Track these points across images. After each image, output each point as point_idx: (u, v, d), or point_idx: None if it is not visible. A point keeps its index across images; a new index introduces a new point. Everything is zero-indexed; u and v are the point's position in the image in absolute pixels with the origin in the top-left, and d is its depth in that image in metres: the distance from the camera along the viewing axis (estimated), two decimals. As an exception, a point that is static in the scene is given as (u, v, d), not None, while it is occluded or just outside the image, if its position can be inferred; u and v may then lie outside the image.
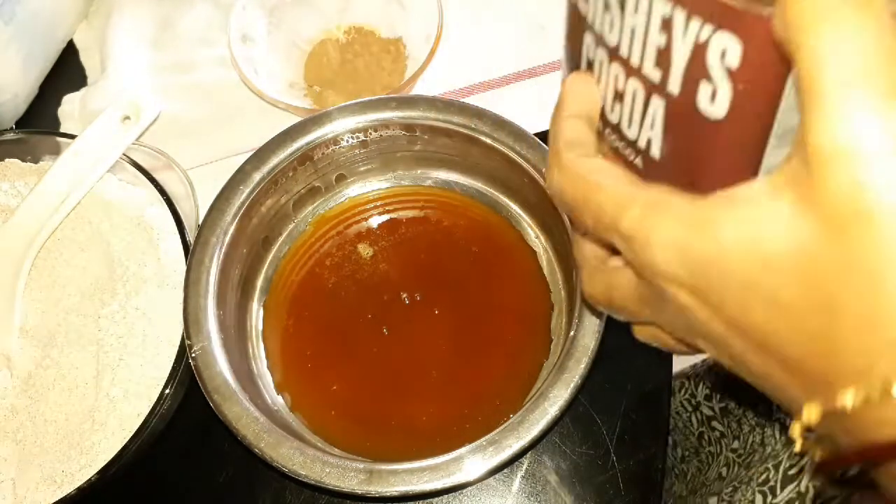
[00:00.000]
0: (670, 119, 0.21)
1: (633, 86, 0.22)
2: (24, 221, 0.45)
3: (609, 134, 0.25)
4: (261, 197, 0.44)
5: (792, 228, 0.17)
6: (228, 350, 0.40)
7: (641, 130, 0.23)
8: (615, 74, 0.23)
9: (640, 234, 0.19)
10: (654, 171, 0.23)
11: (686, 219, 0.19)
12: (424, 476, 0.35)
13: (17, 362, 0.43)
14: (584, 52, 0.24)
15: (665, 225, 0.19)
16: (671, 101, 0.21)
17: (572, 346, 0.37)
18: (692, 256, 0.18)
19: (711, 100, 0.19)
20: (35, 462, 0.40)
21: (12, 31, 0.51)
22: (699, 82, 0.20)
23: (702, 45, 0.19)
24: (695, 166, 0.21)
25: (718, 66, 0.19)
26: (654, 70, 0.21)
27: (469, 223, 0.47)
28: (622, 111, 0.23)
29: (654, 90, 0.21)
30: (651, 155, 0.23)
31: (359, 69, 0.53)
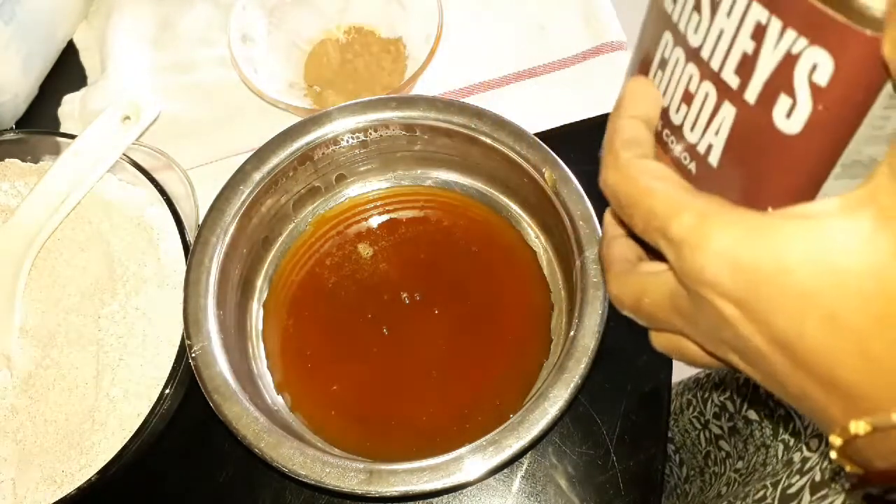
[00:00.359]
0: (739, 127, 0.21)
1: (707, 89, 0.22)
2: (24, 221, 0.45)
3: (668, 136, 0.25)
4: (261, 197, 0.44)
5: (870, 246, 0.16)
6: (228, 350, 0.40)
7: (704, 135, 0.23)
8: (690, 75, 0.23)
9: (692, 240, 0.19)
10: (708, 178, 0.23)
11: (745, 230, 0.18)
12: (424, 476, 0.35)
13: (17, 362, 0.43)
14: (660, 49, 0.24)
15: (720, 234, 0.19)
16: (744, 109, 0.21)
17: (572, 346, 0.37)
18: (745, 267, 0.18)
19: (788, 115, 0.19)
20: (35, 462, 0.40)
21: (12, 31, 0.51)
22: (779, 95, 0.19)
23: (793, 57, 0.19)
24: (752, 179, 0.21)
25: (804, 81, 0.18)
26: (733, 76, 0.21)
27: (469, 223, 0.47)
28: (688, 113, 0.23)
29: (729, 96, 0.21)
30: (708, 161, 0.23)
31: (359, 69, 0.53)
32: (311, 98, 0.53)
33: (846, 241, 0.17)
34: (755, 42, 0.20)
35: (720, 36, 0.21)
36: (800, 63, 0.18)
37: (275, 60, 0.53)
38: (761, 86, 0.20)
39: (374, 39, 0.54)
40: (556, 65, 0.54)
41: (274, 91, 0.50)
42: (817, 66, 0.18)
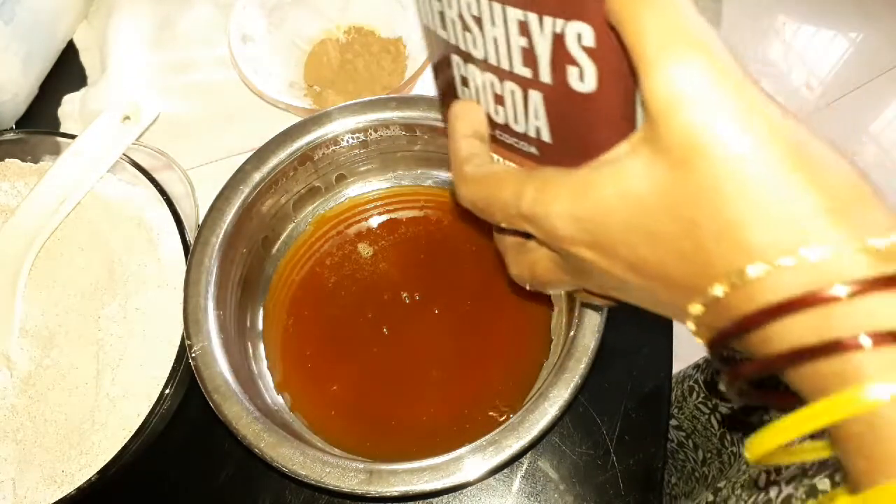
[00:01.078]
0: (550, 105, 0.24)
1: (510, 87, 0.25)
2: (24, 221, 0.45)
3: (500, 134, 0.27)
4: (261, 197, 0.44)
5: (650, 174, 0.20)
6: (228, 350, 0.40)
7: (528, 122, 0.25)
8: (490, 81, 0.26)
9: (538, 211, 0.23)
10: (551, 153, 0.26)
11: (570, 188, 0.22)
12: (424, 476, 0.35)
13: (17, 362, 0.43)
14: (456, 71, 0.27)
15: (555, 198, 0.22)
16: (546, 89, 0.23)
17: (572, 346, 0.37)
18: (582, 217, 0.22)
19: (581, 79, 0.22)
20: (35, 462, 0.40)
21: (12, 31, 0.51)
22: (566, 67, 0.22)
23: (559, 35, 0.21)
24: (583, 140, 0.24)
25: (578, 50, 0.21)
26: (523, 69, 0.24)
27: (469, 223, 0.47)
28: (506, 111, 0.26)
29: (529, 85, 0.24)
30: (543, 140, 0.25)
31: (359, 69, 0.53)
32: (311, 98, 0.53)
33: (637, 174, 0.20)
34: (525, 37, 0.23)
35: (496, 42, 0.24)
36: (567, 38, 0.21)
37: (275, 60, 0.53)
38: (549, 66, 0.23)
39: (374, 39, 0.54)
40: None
41: (274, 91, 0.51)
42: (581, 34, 0.21)
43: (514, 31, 0.23)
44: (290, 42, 0.55)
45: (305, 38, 0.55)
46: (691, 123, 0.19)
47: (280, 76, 0.53)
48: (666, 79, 0.19)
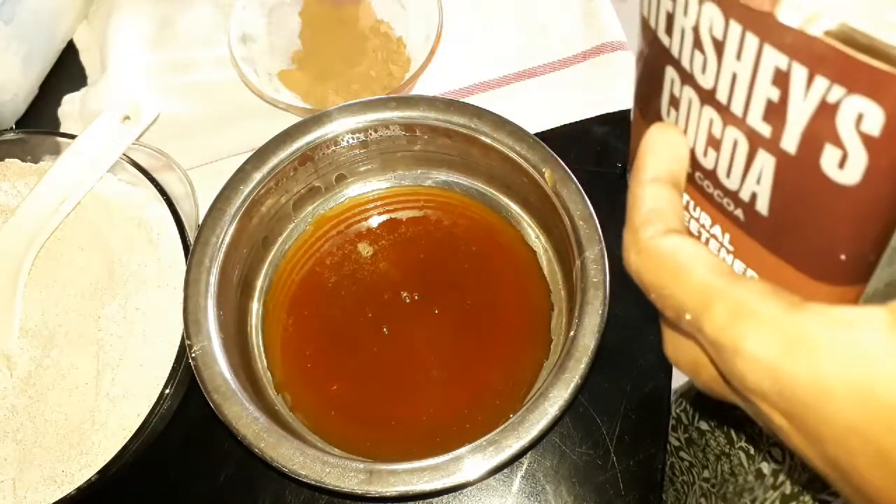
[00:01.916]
0: (783, 176, 0.18)
1: (734, 135, 0.19)
2: (24, 221, 0.45)
3: (702, 179, 0.22)
4: (261, 197, 0.44)
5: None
6: (228, 350, 0.40)
7: (744, 183, 0.20)
8: (709, 118, 0.20)
9: (728, 342, 0.18)
10: (760, 226, 0.20)
11: (780, 334, 0.17)
12: (424, 476, 0.35)
13: (17, 362, 0.43)
14: (667, 87, 0.21)
15: (755, 338, 0.17)
16: (785, 158, 0.18)
17: (572, 346, 0.37)
18: (787, 382, 0.17)
19: (840, 165, 0.17)
20: (35, 462, 0.40)
21: (12, 31, 0.51)
22: (824, 144, 0.17)
23: (830, 106, 0.16)
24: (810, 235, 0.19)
25: (852, 132, 0.16)
26: (762, 123, 0.18)
27: (469, 223, 0.47)
28: (718, 159, 0.20)
29: (763, 144, 0.18)
30: (757, 210, 0.20)
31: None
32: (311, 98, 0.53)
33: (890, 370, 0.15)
34: (779, 89, 0.17)
35: (734, 80, 0.18)
36: (841, 113, 0.16)
37: (275, 60, 0.53)
38: (799, 136, 0.17)
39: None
40: (557, 64, 0.54)
41: (274, 91, 0.51)
42: (864, 115, 0.15)
43: (766, 77, 0.17)
44: (290, 42, 0.55)
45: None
46: None
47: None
48: None
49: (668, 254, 0.20)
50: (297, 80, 0.52)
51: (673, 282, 0.19)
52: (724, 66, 0.18)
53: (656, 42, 0.21)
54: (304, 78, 0.53)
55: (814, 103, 0.16)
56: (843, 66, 0.15)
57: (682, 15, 0.19)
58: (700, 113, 0.20)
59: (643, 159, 0.22)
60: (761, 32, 0.17)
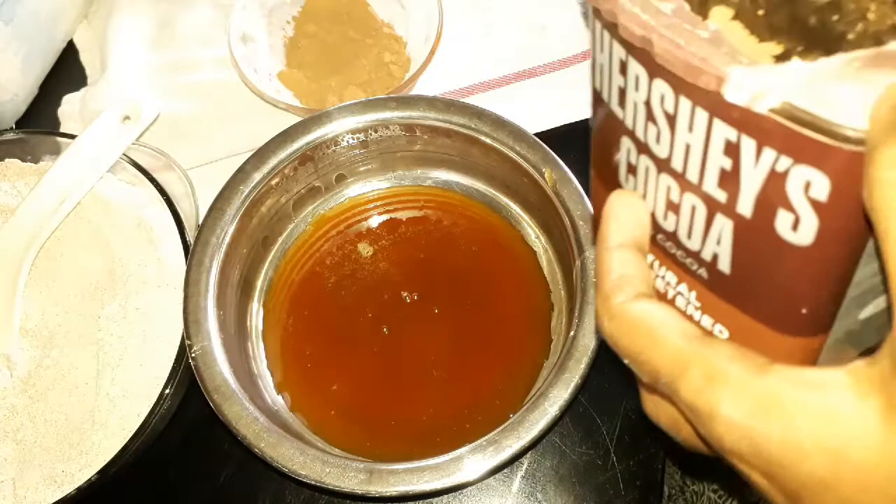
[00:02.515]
0: (741, 238, 0.19)
1: (692, 200, 0.20)
2: (24, 221, 0.45)
3: (664, 241, 0.22)
4: (261, 197, 0.44)
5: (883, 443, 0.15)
6: (228, 350, 0.40)
7: (705, 244, 0.20)
8: (667, 185, 0.20)
9: (703, 406, 0.18)
10: (724, 284, 0.21)
11: (752, 397, 0.17)
12: (424, 476, 0.35)
13: (17, 362, 0.43)
14: (623, 155, 0.22)
15: (729, 402, 0.17)
16: (742, 222, 0.19)
17: (572, 346, 0.37)
18: (762, 443, 0.17)
19: (793, 229, 0.17)
20: (35, 462, 0.40)
21: (12, 31, 0.51)
22: (777, 209, 0.17)
23: (779, 174, 0.17)
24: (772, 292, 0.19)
25: (802, 198, 0.16)
26: (717, 190, 0.19)
27: (469, 223, 0.47)
28: (678, 222, 0.21)
29: (720, 209, 0.19)
30: (719, 268, 0.20)
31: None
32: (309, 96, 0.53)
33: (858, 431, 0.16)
34: (731, 158, 0.18)
35: (688, 150, 0.19)
36: (790, 180, 0.16)
37: (275, 60, 0.53)
38: (753, 201, 0.18)
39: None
40: (557, 65, 0.54)
41: (274, 91, 0.51)
42: (811, 183, 0.16)
43: (718, 148, 0.18)
44: (290, 42, 0.55)
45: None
46: None
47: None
48: None
49: (640, 319, 0.20)
50: (297, 80, 0.52)
51: (647, 347, 0.20)
52: (677, 137, 0.19)
53: (610, 114, 0.21)
54: (304, 78, 0.53)
55: (764, 172, 0.17)
56: (789, 139, 0.16)
57: (633, 90, 0.20)
58: (657, 180, 0.21)
59: (606, 227, 0.22)
60: (710, 108, 0.17)
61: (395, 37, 0.54)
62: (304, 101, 0.52)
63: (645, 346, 0.20)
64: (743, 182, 0.18)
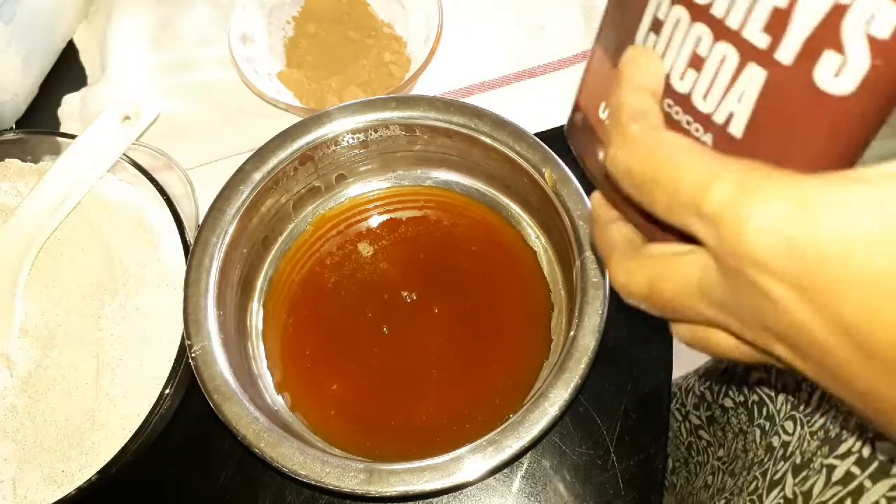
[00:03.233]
0: (770, 92, 0.18)
1: (723, 51, 0.19)
2: (24, 221, 0.45)
3: (670, 105, 0.22)
4: (261, 197, 0.44)
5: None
6: (228, 350, 0.40)
7: (722, 103, 0.20)
8: (697, 36, 0.20)
9: (735, 213, 0.17)
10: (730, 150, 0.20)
11: (799, 201, 0.16)
12: (424, 476, 0.35)
13: (17, 362, 0.43)
14: (650, 11, 0.21)
15: (768, 206, 0.16)
16: (777, 70, 0.18)
17: (572, 346, 0.37)
18: (805, 247, 0.16)
19: (836, 73, 0.17)
20: (35, 462, 0.40)
21: (12, 31, 0.51)
22: (823, 51, 0.17)
23: (842, 6, 0.16)
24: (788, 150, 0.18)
25: (859, 34, 0.16)
26: (760, 35, 0.18)
27: (469, 223, 0.47)
28: (697, 80, 0.20)
29: (755, 58, 0.18)
30: (729, 132, 0.20)
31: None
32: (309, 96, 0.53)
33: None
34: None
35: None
36: (850, 14, 0.16)
37: (275, 60, 0.53)
38: (800, 44, 0.17)
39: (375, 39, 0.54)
40: (557, 65, 0.54)
41: (274, 91, 0.51)
42: (876, 15, 0.15)
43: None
44: (290, 42, 0.55)
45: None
46: None
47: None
48: None
49: (662, 142, 0.19)
50: (297, 80, 0.53)
51: (668, 167, 0.19)
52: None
53: None
54: (304, 78, 0.53)
55: (826, 5, 0.16)
56: None
57: None
58: (688, 31, 0.20)
59: (627, 71, 0.22)
60: None
61: (395, 37, 0.54)
62: (304, 101, 0.52)
63: (667, 166, 0.19)
64: (794, 21, 0.17)
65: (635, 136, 0.20)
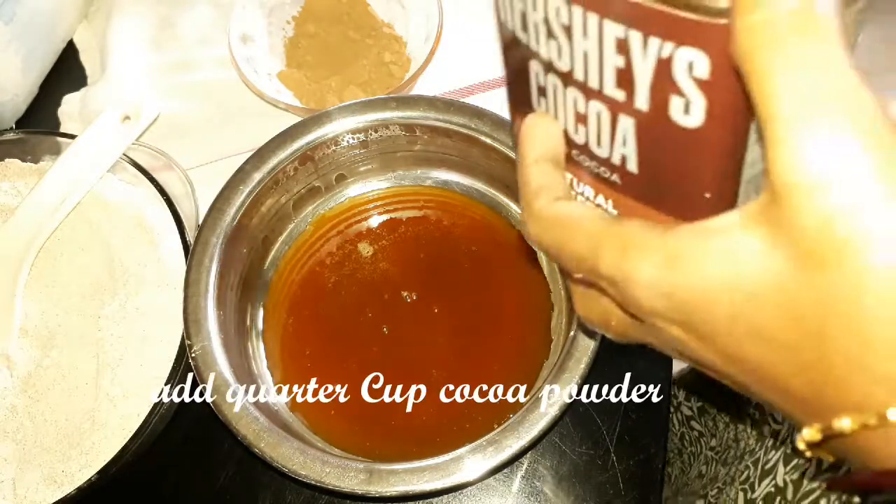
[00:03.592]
0: (643, 134, 0.21)
1: (596, 107, 0.21)
2: (24, 221, 0.45)
3: (578, 155, 0.24)
4: (261, 197, 0.44)
5: (768, 263, 0.17)
6: (228, 350, 0.40)
7: (613, 148, 0.22)
8: (574, 98, 0.22)
9: (620, 275, 0.20)
10: (635, 186, 0.22)
11: (661, 255, 0.19)
12: (424, 476, 0.35)
13: (17, 362, 0.43)
14: (533, 80, 0.24)
15: (642, 264, 0.19)
16: (641, 117, 0.20)
17: (572, 346, 0.37)
18: (674, 293, 0.18)
19: (685, 111, 0.19)
20: (35, 462, 0.40)
21: (12, 31, 0.51)
22: (669, 96, 0.19)
23: (665, 60, 0.18)
24: (676, 179, 0.21)
25: (687, 79, 0.18)
26: (616, 90, 0.20)
27: (469, 223, 0.47)
28: (588, 132, 0.23)
29: (621, 109, 0.21)
30: (628, 170, 0.22)
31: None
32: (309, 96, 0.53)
33: (750, 259, 0.17)
34: (623, 55, 0.19)
35: (586, 57, 0.20)
36: (675, 64, 0.18)
37: (275, 60, 0.53)
38: (647, 94, 0.19)
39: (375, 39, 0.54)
40: (556, 65, 0.54)
41: (274, 91, 0.51)
42: (693, 63, 0.18)
43: (610, 49, 0.19)
44: (290, 42, 0.55)
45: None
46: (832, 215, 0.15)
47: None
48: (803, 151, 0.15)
49: (559, 215, 0.22)
50: (297, 80, 0.53)
51: (567, 236, 0.21)
52: (575, 47, 0.21)
53: (515, 40, 0.24)
54: (304, 78, 0.53)
55: (652, 61, 0.19)
56: (667, 24, 0.17)
57: (532, 10, 0.22)
58: (565, 94, 0.22)
59: (523, 147, 0.24)
60: (598, 9, 0.19)
61: (395, 37, 0.54)
62: (304, 101, 0.52)
63: (565, 237, 0.22)
64: (636, 76, 0.19)
65: (538, 213, 0.23)
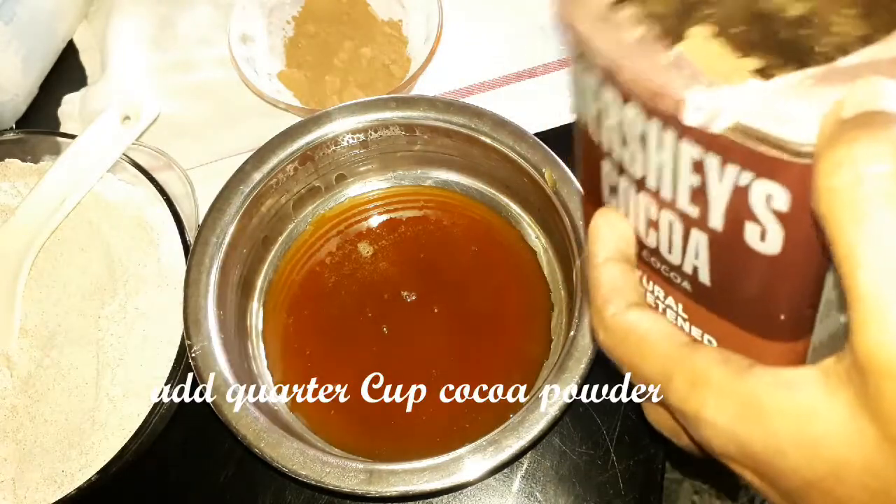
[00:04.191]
0: (716, 251, 0.20)
1: (668, 217, 0.20)
2: (24, 221, 0.45)
3: (649, 257, 0.23)
4: (261, 197, 0.44)
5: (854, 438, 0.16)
6: (228, 350, 0.40)
7: (685, 258, 0.21)
8: (645, 204, 0.21)
9: (689, 411, 0.19)
10: (707, 297, 0.21)
11: (733, 400, 0.18)
12: (424, 476, 0.35)
13: (17, 362, 0.43)
14: (604, 178, 0.23)
15: (713, 405, 0.18)
16: (715, 235, 0.19)
17: (572, 346, 0.37)
18: (746, 444, 0.18)
19: (761, 238, 0.18)
20: (35, 462, 0.40)
21: (12, 31, 0.51)
22: (745, 222, 0.18)
23: (742, 188, 0.17)
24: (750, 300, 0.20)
25: (764, 210, 0.17)
26: (690, 206, 0.19)
27: (469, 223, 0.47)
28: (659, 238, 0.22)
29: (694, 224, 0.20)
30: (700, 281, 0.21)
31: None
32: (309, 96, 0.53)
33: (830, 427, 0.16)
34: (699, 175, 0.18)
35: (661, 169, 0.20)
36: (752, 194, 0.17)
37: (275, 60, 0.53)
38: (722, 216, 0.19)
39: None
40: (556, 65, 0.54)
41: (274, 91, 0.51)
42: (772, 196, 0.17)
43: (686, 167, 0.19)
44: (290, 42, 0.55)
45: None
46: None
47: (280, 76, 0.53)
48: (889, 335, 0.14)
49: (630, 329, 0.21)
50: (297, 80, 0.53)
51: (638, 357, 0.21)
52: (649, 157, 0.20)
53: (589, 139, 0.22)
54: (304, 78, 0.53)
55: (728, 187, 0.18)
56: (747, 156, 0.17)
57: (607, 114, 0.21)
58: (637, 199, 0.22)
59: (592, 245, 0.23)
60: (676, 129, 0.18)
61: (396, 37, 0.54)
62: (304, 101, 0.52)
63: (636, 356, 0.21)
64: (711, 197, 0.18)
65: (609, 323, 0.22)
